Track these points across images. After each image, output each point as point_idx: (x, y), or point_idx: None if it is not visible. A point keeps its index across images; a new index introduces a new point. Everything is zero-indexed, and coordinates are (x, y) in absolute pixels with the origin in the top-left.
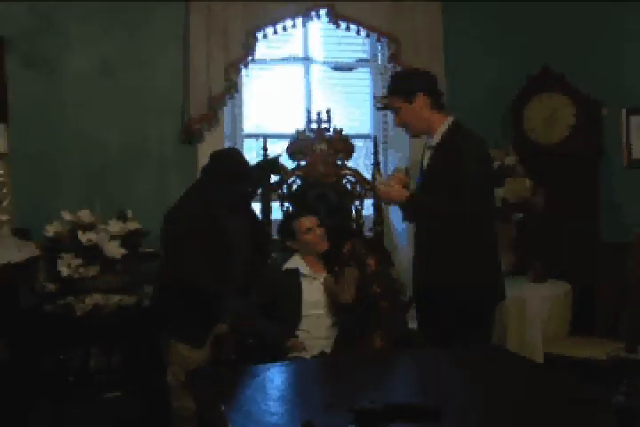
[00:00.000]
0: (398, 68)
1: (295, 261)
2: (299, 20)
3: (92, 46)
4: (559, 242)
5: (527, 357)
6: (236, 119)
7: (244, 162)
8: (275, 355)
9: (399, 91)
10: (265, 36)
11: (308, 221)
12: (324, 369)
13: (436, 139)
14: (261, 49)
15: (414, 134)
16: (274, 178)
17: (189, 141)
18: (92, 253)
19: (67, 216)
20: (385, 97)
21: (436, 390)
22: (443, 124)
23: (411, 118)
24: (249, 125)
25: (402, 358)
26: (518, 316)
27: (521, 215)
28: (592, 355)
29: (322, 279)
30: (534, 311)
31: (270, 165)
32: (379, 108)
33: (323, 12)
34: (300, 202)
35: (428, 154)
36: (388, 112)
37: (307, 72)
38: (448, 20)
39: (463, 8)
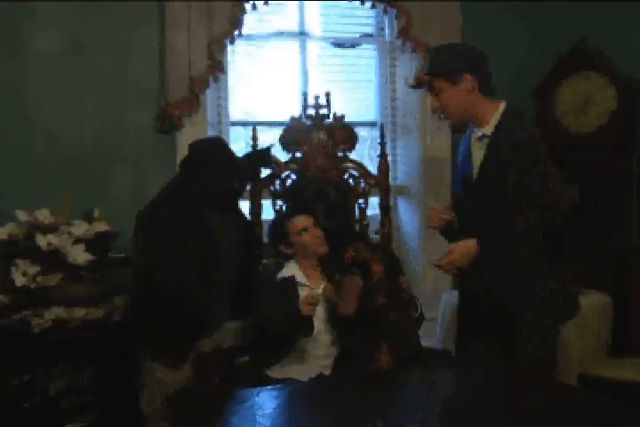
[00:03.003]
0: (408, 45)
1: (290, 269)
2: None
3: (58, 22)
4: (594, 246)
5: (558, 378)
6: (221, 104)
7: (231, 153)
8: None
9: (442, 70)
10: (254, 8)
11: (302, 221)
12: (321, 393)
13: (489, 129)
14: (250, 22)
15: (456, 121)
16: (265, 172)
17: (167, 130)
18: (52, 260)
19: (23, 217)
20: (427, 75)
21: (452, 417)
22: (495, 112)
23: (454, 103)
24: (236, 111)
25: (412, 379)
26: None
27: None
28: (634, 377)
29: (320, 289)
30: (567, 327)
31: (261, 157)
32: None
33: None
34: (295, 200)
35: (478, 147)
36: (398, 96)
37: (303, 49)
38: None
39: None
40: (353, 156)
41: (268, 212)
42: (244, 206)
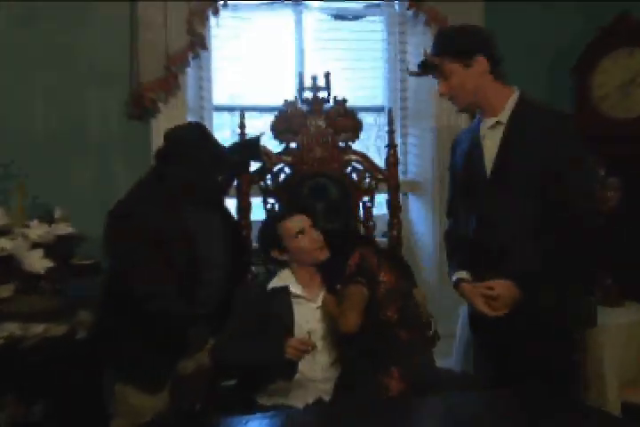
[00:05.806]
0: (421, 17)
1: (284, 278)
2: None
3: None
4: (638, 251)
5: (598, 406)
6: (204, 86)
7: (214, 142)
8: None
9: (454, 50)
10: None
11: (298, 222)
12: (319, 422)
13: (504, 116)
14: None
15: (464, 108)
16: (254, 165)
17: (140, 116)
18: (5, 267)
19: None
20: (435, 56)
21: None
22: (510, 99)
23: (465, 87)
24: (220, 95)
25: (426, 406)
26: (585, 351)
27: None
28: None
29: (319, 301)
30: (607, 345)
31: (249, 147)
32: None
33: None
34: (289, 198)
35: (490, 138)
36: (409, 77)
37: (298, 22)
38: None
39: None
40: (356, 146)
41: (257, 211)
42: (230, 205)
